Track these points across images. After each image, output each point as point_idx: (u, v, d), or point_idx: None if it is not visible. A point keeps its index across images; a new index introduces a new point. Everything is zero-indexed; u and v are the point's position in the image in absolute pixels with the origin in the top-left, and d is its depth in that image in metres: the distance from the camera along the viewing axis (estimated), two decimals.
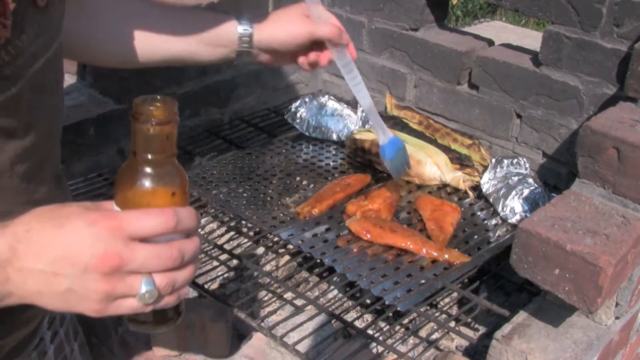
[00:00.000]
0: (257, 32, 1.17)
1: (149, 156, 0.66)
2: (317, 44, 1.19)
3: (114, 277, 0.63)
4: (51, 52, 0.77)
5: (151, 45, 1.08)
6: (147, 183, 0.67)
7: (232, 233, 1.51)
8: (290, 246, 1.44)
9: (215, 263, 1.42)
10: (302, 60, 1.21)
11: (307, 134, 1.85)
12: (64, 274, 0.63)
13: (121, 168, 0.69)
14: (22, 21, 0.68)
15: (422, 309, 1.27)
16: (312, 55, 1.20)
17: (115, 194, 0.68)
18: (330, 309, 1.29)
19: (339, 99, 1.94)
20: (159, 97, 0.67)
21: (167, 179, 0.68)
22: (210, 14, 1.19)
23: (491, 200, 1.55)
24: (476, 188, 1.60)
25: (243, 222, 1.52)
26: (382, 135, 1.39)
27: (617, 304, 1.16)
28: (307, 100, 1.88)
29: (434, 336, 1.29)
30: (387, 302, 1.24)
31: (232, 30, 1.15)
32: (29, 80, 0.72)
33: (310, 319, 1.25)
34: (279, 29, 1.18)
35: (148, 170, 0.67)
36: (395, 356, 1.19)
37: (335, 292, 1.39)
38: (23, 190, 0.76)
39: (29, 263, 0.62)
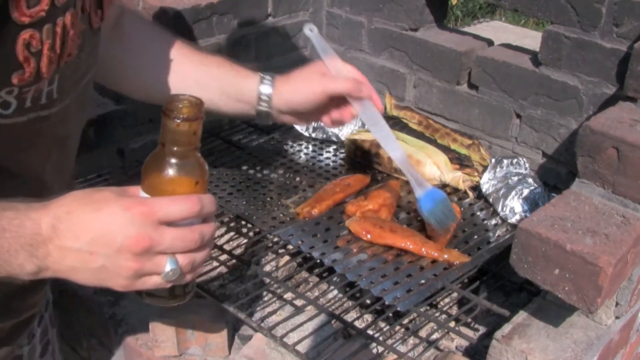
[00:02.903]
0: (276, 94, 1.18)
1: (176, 148, 0.75)
2: (340, 99, 1.18)
3: (144, 257, 0.71)
4: (94, 69, 0.85)
5: (175, 89, 1.10)
6: (173, 172, 0.75)
7: (232, 233, 1.51)
8: (290, 246, 1.44)
9: (215, 263, 1.42)
10: (325, 119, 1.21)
11: (307, 134, 1.85)
12: (100, 252, 0.70)
13: (149, 158, 0.77)
14: (84, 40, 0.77)
15: (422, 309, 1.27)
16: (334, 114, 1.20)
17: (143, 180, 0.76)
18: (330, 309, 1.29)
19: None
20: (187, 96, 0.76)
21: (191, 169, 0.76)
22: (237, 67, 1.20)
23: (491, 200, 1.55)
24: (476, 188, 1.60)
25: (243, 222, 1.52)
26: (418, 188, 1.32)
27: (617, 304, 1.16)
28: None
29: (434, 336, 1.29)
30: (387, 303, 1.24)
31: (254, 88, 1.18)
32: (77, 94, 0.81)
33: (310, 319, 1.25)
34: (296, 90, 1.19)
35: (175, 161, 0.75)
36: (395, 356, 1.19)
37: (335, 292, 1.39)
38: (49, 190, 0.82)
39: (68, 242, 0.70)
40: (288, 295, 1.34)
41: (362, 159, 1.71)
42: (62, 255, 0.70)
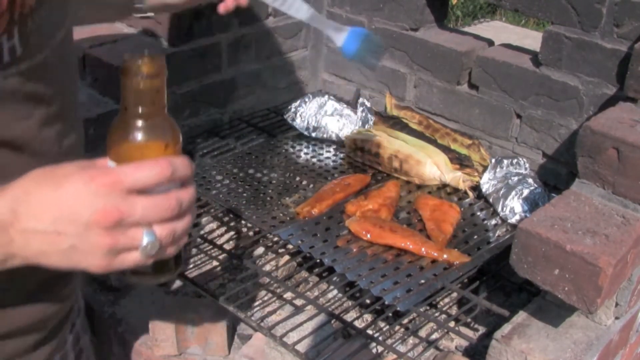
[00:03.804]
0: None
1: (140, 110, 0.69)
2: None
3: (116, 230, 0.65)
4: (68, 23, 0.80)
5: None
6: (140, 136, 0.69)
7: (232, 233, 1.51)
8: (290, 246, 1.44)
9: (215, 263, 1.42)
10: (221, 6, 1.16)
11: (307, 134, 1.85)
12: (66, 232, 0.65)
13: (112, 124, 0.71)
14: None
15: (421, 309, 1.27)
16: (230, 0, 1.14)
17: (108, 149, 0.70)
18: (330, 309, 1.29)
19: (339, 99, 1.94)
20: (146, 52, 0.69)
21: (159, 131, 0.70)
22: None
23: (491, 200, 1.55)
24: (476, 188, 1.60)
25: (243, 222, 1.52)
26: (336, 35, 1.23)
27: (616, 304, 1.16)
28: (307, 100, 1.88)
29: (434, 336, 1.29)
30: (386, 302, 1.24)
31: None
32: (53, 50, 0.76)
33: (310, 319, 1.25)
34: None
35: (140, 123, 0.69)
36: (394, 356, 1.19)
37: (335, 292, 1.39)
38: (53, 157, 0.77)
39: (30, 224, 0.65)
40: (288, 295, 1.34)
41: (362, 159, 1.71)
42: (26, 240, 0.65)
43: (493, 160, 1.60)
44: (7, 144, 0.74)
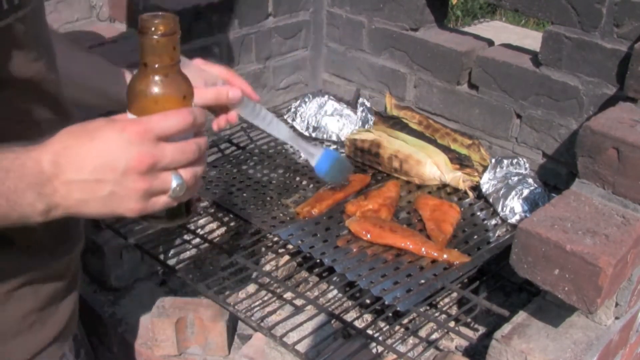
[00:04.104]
0: None
1: (158, 65, 0.74)
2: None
3: (150, 175, 0.72)
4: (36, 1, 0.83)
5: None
6: (160, 89, 0.75)
7: (232, 233, 1.51)
8: (290, 246, 1.44)
9: (215, 263, 1.42)
10: (213, 125, 1.18)
11: (307, 134, 1.85)
12: (106, 179, 0.71)
13: (132, 80, 0.76)
14: None
15: (421, 309, 1.27)
16: (220, 119, 1.17)
17: (130, 104, 0.76)
18: (329, 309, 1.29)
19: (339, 99, 1.94)
20: (160, 12, 0.75)
21: (177, 84, 0.76)
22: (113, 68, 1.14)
23: (491, 200, 1.55)
24: (476, 188, 1.60)
25: (243, 222, 1.52)
26: (311, 157, 1.33)
27: (616, 304, 1.16)
28: (307, 100, 1.88)
29: (434, 336, 1.29)
30: (386, 302, 1.24)
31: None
32: (37, 3, 0.81)
33: (310, 318, 1.25)
34: None
35: (160, 78, 0.75)
36: (394, 356, 1.19)
37: (335, 292, 1.39)
38: (59, 99, 0.86)
39: (72, 175, 0.70)
40: (288, 295, 1.34)
41: (362, 159, 1.71)
42: (69, 190, 0.70)
43: (493, 160, 1.60)
44: (28, 82, 0.79)
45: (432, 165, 1.60)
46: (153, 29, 0.73)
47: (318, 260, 1.35)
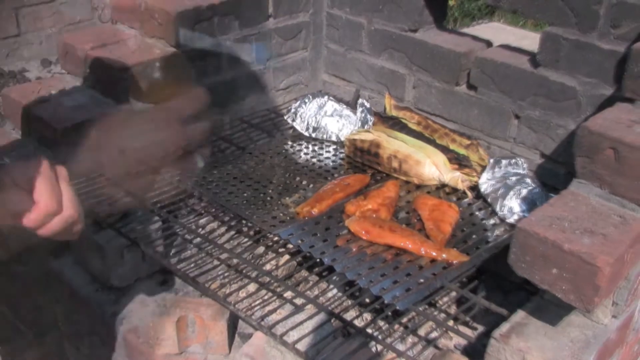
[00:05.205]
0: None
1: None
2: None
3: None
4: None
5: None
6: None
7: (232, 233, 1.52)
8: (290, 246, 1.45)
9: (215, 262, 1.42)
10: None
11: (307, 134, 1.85)
12: None
13: None
14: None
15: (420, 308, 1.28)
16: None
17: None
18: (329, 308, 1.29)
19: (339, 100, 1.95)
20: None
21: None
22: None
23: (489, 200, 1.56)
24: (474, 188, 1.60)
25: (243, 221, 1.52)
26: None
27: (614, 303, 1.17)
28: (307, 100, 1.89)
29: (433, 335, 1.30)
30: (386, 301, 1.25)
31: None
32: None
33: (310, 317, 1.26)
34: None
35: None
36: (394, 355, 1.19)
37: (335, 291, 1.39)
38: None
39: None
40: (288, 294, 1.34)
41: (361, 159, 1.72)
42: None
43: (491, 161, 1.61)
44: None
45: (431, 166, 1.61)
46: None
47: (318, 260, 1.36)
